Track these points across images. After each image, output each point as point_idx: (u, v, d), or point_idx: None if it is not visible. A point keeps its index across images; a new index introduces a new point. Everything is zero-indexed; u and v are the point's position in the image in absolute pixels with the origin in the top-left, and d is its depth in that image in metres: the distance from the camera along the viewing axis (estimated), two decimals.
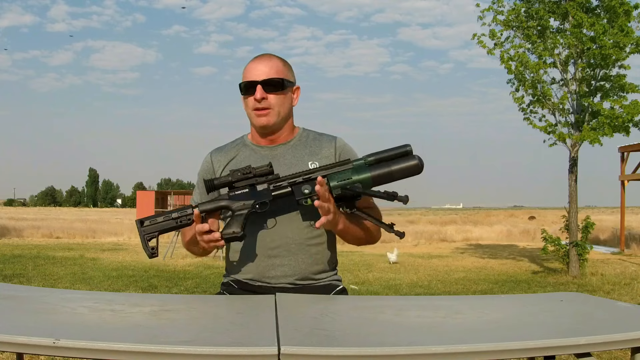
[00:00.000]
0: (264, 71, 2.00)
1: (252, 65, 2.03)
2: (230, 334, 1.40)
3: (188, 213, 1.86)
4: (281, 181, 1.87)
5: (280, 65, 2.04)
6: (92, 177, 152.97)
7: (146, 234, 1.86)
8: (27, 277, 9.55)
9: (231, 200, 1.87)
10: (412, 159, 1.82)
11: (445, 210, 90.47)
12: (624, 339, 1.40)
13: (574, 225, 10.32)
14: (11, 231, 21.22)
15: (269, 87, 1.99)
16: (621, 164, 17.12)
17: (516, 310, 1.79)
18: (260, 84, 1.99)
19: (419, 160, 1.82)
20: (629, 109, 9.54)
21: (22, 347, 1.26)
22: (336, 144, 2.09)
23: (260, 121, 2.02)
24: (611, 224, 23.16)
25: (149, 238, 1.86)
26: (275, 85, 2.00)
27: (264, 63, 2.02)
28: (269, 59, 2.04)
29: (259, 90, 1.99)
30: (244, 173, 1.86)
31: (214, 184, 1.88)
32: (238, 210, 1.86)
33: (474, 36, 10.47)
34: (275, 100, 2.01)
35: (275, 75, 2.01)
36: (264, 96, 1.99)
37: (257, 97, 1.99)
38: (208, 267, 11.42)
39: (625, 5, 9.54)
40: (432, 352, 1.27)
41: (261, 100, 1.99)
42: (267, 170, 1.86)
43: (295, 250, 1.99)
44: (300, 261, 2.00)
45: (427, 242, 20.65)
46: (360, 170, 1.82)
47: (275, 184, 1.87)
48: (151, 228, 1.86)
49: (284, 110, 2.04)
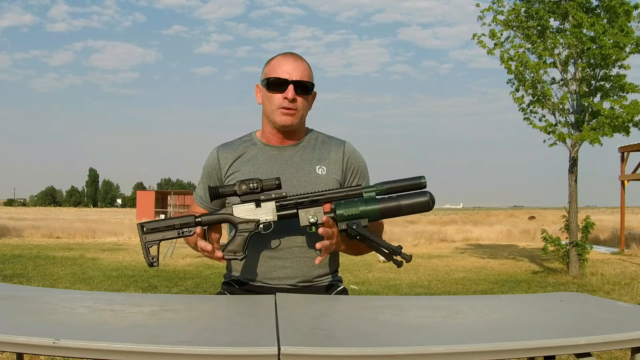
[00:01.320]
0: (296, 71, 1.97)
1: (283, 62, 1.99)
2: (230, 334, 1.40)
3: (190, 226, 1.82)
4: (288, 201, 1.83)
5: (308, 67, 2.02)
6: (92, 177, 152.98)
7: (147, 241, 1.83)
8: (27, 277, 9.56)
9: (235, 215, 1.83)
10: (423, 195, 1.79)
11: (445, 210, 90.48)
12: (624, 339, 1.40)
13: (574, 225, 10.32)
14: (11, 231, 21.23)
15: (300, 89, 1.97)
16: (621, 164, 17.13)
17: (516, 310, 1.78)
18: (292, 83, 1.96)
19: (429, 198, 1.78)
20: (629, 109, 9.54)
21: (22, 347, 1.26)
22: (345, 149, 2.07)
23: (284, 120, 1.98)
24: (611, 224, 23.17)
25: (150, 246, 1.83)
26: (306, 88, 1.98)
27: (296, 63, 1.99)
28: (300, 60, 2.01)
29: (291, 89, 1.95)
30: (250, 188, 1.81)
31: (218, 192, 1.83)
32: (241, 229, 1.83)
33: (474, 36, 10.48)
34: (302, 103, 1.99)
35: (307, 78, 1.99)
36: (295, 96, 1.96)
37: (289, 97, 1.95)
38: (208, 267, 11.42)
39: (625, 5, 9.55)
40: (432, 352, 1.26)
41: (292, 101, 1.96)
42: (274, 185, 1.81)
43: (298, 252, 1.99)
44: (302, 264, 1.99)
45: (427, 242, 20.65)
46: (370, 201, 1.78)
47: (282, 203, 1.83)
48: (153, 237, 1.83)
49: (306, 113, 2.04)
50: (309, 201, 1.82)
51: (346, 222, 1.78)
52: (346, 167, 2.06)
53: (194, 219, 1.82)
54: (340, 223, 1.78)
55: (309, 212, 1.81)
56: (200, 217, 1.83)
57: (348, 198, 1.82)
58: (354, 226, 1.76)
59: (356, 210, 1.77)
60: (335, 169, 2.04)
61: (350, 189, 1.84)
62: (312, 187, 1.98)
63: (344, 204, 1.79)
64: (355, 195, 1.82)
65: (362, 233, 1.76)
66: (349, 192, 1.83)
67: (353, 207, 1.77)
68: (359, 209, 1.77)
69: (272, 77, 1.97)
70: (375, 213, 1.77)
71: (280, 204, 1.83)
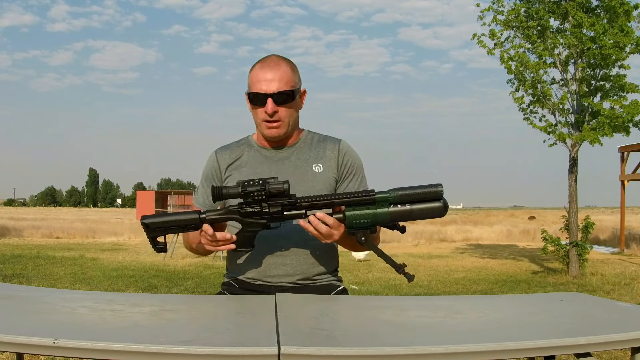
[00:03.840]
0: (274, 82, 1.94)
1: (261, 74, 1.96)
2: (230, 334, 1.40)
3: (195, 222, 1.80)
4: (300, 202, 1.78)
5: (288, 72, 1.98)
6: (92, 177, 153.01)
7: (151, 235, 1.82)
8: (27, 277, 9.55)
9: (242, 216, 1.80)
10: (437, 201, 1.72)
11: None
12: (624, 339, 1.40)
13: (574, 225, 10.32)
14: (11, 231, 21.22)
15: (280, 100, 1.94)
16: (621, 164, 17.13)
17: (516, 310, 1.78)
18: (271, 97, 1.94)
19: (442, 204, 1.72)
20: (629, 109, 9.54)
21: (22, 347, 1.26)
22: (340, 147, 2.07)
23: (270, 133, 1.98)
24: (611, 224, 23.16)
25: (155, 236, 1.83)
26: (286, 97, 1.95)
27: (273, 71, 1.95)
28: (278, 67, 1.97)
29: (270, 103, 1.93)
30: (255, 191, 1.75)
31: (222, 193, 1.79)
32: (249, 227, 1.81)
33: (474, 36, 10.48)
34: (285, 113, 1.97)
35: (286, 87, 1.95)
36: (275, 110, 1.95)
37: (268, 112, 1.94)
38: (208, 267, 11.42)
39: (625, 5, 9.55)
40: (432, 352, 1.27)
41: (273, 114, 1.95)
42: (282, 189, 1.75)
43: (299, 250, 1.99)
44: (302, 261, 2.00)
45: (427, 242, 20.64)
46: (380, 204, 1.73)
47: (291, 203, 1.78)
48: (157, 232, 1.82)
49: (294, 119, 2.02)
50: (320, 205, 1.77)
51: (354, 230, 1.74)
52: (342, 165, 2.06)
53: (198, 216, 1.80)
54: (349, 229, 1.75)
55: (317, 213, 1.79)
56: (205, 214, 1.81)
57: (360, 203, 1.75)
58: (363, 239, 1.74)
59: (365, 211, 1.73)
60: (332, 166, 2.05)
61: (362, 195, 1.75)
62: (310, 185, 1.99)
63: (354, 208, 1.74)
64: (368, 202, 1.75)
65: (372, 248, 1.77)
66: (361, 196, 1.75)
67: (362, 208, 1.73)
68: (369, 211, 1.73)
69: (252, 92, 1.97)
70: (385, 215, 1.72)
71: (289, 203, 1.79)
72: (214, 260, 12.41)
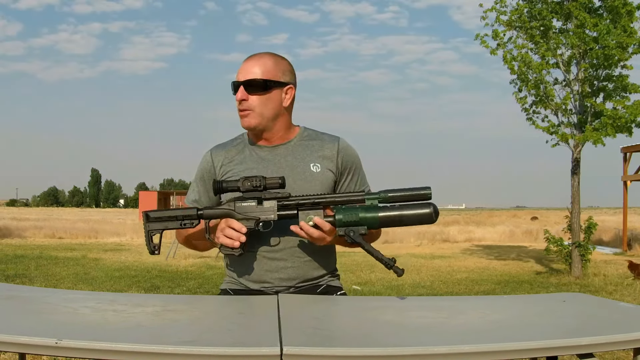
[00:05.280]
0: (248, 71, 1.97)
1: (242, 66, 2.00)
2: (232, 335, 1.40)
3: (192, 218, 1.83)
4: (290, 201, 1.83)
5: (269, 64, 1.99)
6: (95, 177, 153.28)
7: (150, 229, 1.84)
8: (30, 277, 9.57)
9: (236, 211, 1.83)
10: (427, 207, 1.74)
11: (447, 211, 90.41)
12: (626, 339, 1.40)
13: (577, 225, 10.30)
14: (13, 231, 21.24)
15: (251, 88, 1.96)
16: (624, 164, 17.11)
17: (519, 311, 1.78)
18: (242, 84, 1.97)
19: (432, 210, 1.74)
20: (632, 109, 9.53)
21: (24, 347, 1.27)
22: (339, 145, 2.05)
23: (242, 122, 2.00)
24: (614, 224, 23.12)
25: (152, 234, 1.85)
26: (256, 85, 1.96)
27: (252, 62, 1.99)
28: (259, 58, 2.00)
29: (240, 91, 1.97)
30: (254, 185, 1.81)
31: (222, 186, 1.84)
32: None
33: (477, 36, 10.47)
34: (257, 102, 1.97)
35: (260, 76, 1.96)
36: (244, 97, 1.96)
37: (237, 98, 1.98)
38: (210, 268, 11.43)
39: (628, 5, 9.53)
40: (434, 352, 1.26)
41: (241, 102, 1.97)
42: (277, 184, 1.82)
43: (298, 253, 1.98)
44: (301, 264, 1.99)
45: (430, 242, 20.63)
46: (370, 209, 1.75)
47: (284, 202, 1.83)
48: (156, 225, 1.85)
49: (268, 111, 1.99)
50: (310, 203, 1.82)
51: (344, 229, 1.76)
52: (341, 163, 2.04)
53: (197, 212, 1.83)
54: (339, 229, 1.76)
55: (308, 214, 1.81)
56: (202, 210, 1.84)
57: (350, 203, 1.80)
58: (351, 233, 1.75)
59: (355, 217, 1.74)
60: (330, 165, 2.03)
61: (352, 194, 1.82)
62: (308, 185, 1.97)
63: (344, 209, 1.77)
64: (357, 201, 1.80)
65: (359, 242, 1.75)
66: (351, 197, 1.81)
67: (352, 213, 1.75)
68: (359, 216, 1.74)
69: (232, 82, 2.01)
70: (375, 221, 1.74)
71: (282, 203, 1.83)
72: (217, 260, 12.42)
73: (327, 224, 1.78)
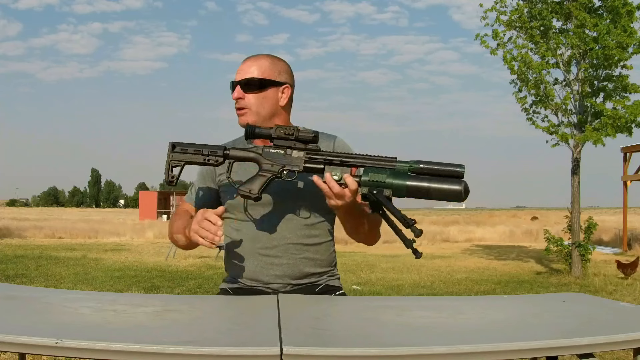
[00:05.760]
0: (245, 71, 2.01)
1: (240, 67, 2.05)
2: (232, 335, 1.40)
3: (218, 155, 1.81)
4: (318, 155, 1.78)
5: (266, 64, 2.02)
6: (95, 177, 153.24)
7: (173, 159, 1.81)
8: (30, 277, 9.57)
9: (262, 155, 1.80)
10: (457, 183, 1.63)
11: (448, 211, 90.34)
12: (626, 339, 1.40)
13: (577, 225, 10.30)
14: (14, 231, 21.23)
15: (246, 87, 2.00)
16: (624, 164, 17.11)
17: (519, 311, 1.78)
18: (239, 83, 2.00)
19: (463, 188, 1.62)
20: (632, 109, 9.53)
21: (24, 347, 1.27)
22: (335, 143, 2.06)
23: (239, 120, 2.02)
24: (614, 224, 23.12)
25: (174, 165, 1.81)
26: (252, 84, 1.99)
27: (249, 63, 2.03)
28: (256, 59, 2.04)
29: (237, 90, 2.00)
30: (286, 133, 1.78)
31: (254, 132, 1.80)
32: (265, 170, 1.79)
33: (477, 36, 10.47)
34: (253, 100, 2.00)
35: (257, 76, 2.00)
36: (240, 96, 2.00)
37: (233, 97, 2.01)
38: (210, 268, 11.43)
39: (628, 5, 9.53)
40: (434, 352, 1.26)
41: (237, 100, 2.01)
42: (310, 137, 1.77)
43: (293, 249, 1.99)
44: (297, 261, 1.99)
45: (430, 242, 20.62)
46: (399, 175, 1.66)
47: (312, 156, 1.78)
48: (180, 156, 1.81)
49: (265, 110, 2.01)
50: (338, 161, 1.77)
51: (368, 188, 1.67)
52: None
53: (223, 150, 1.81)
54: (362, 187, 1.68)
55: (335, 170, 1.75)
56: (229, 150, 1.82)
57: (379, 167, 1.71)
58: (375, 191, 1.65)
59: (382, 179, 1.65)
60: None
61: (383, 158, 1.73)
62: (305, 181, 1.96)
63: (372, 170, 1.68)
64: (387, 166, 1.71)
65: (381, 200, 1.65)
66: (381, 161, 1.72)
67: (380, 175, 1.66)
68: (386, 180, 1.65)
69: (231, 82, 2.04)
70: (402, 188, 1.65)
71: (310, 156, 1.78)
72: (217, 260, 12.42)
73: (355, 183, 1.70)
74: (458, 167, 1.67)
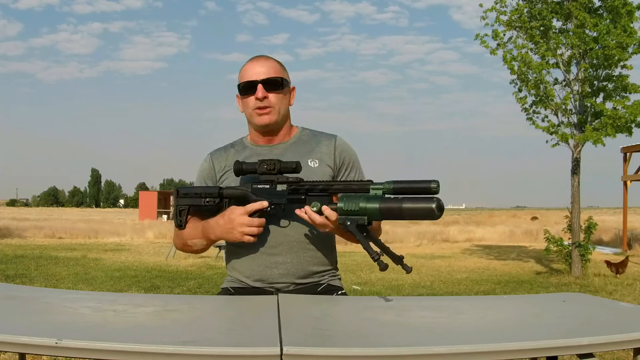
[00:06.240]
0: (262, 71, 2.03)
1: (250, 66, 2.06)
2: (232, 335, 1.40)
3: (213, 196, 1.95)
4: (300, 186, 1.87)
5: (277, 65, 2.07)
6: (95, 177, 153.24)
7: (179, 204, 2.01)
8: (30, 277, 9.57)
9: (251, 192, 1.91)
10: (429, 201, 1.61)
11: (447, 211, 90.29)
12: (626, 339, 1.40)
13: (577, 225, 10.30)
14: (13, 231, 21.24)
15: (269, 86, 2.02)
16: (624, 164, 17.11)
17: (519, 311, 1.78)
18: (261, 83, 2.01)
19: (435, 206, 1.60)
20: (632, 109, 9.52)
21: (24, 347, 1.27)
22: (335, 143, 2.09)
23: (262, 120, 2.03)
24: (614, 224, 23.12)
25: (181, 208, 2.01)
26: (275, 84, 2.03)
27: (261, 63, 2.05)
28: (266, 60, 2.07)
29: (260, 89, 2.01)
30: (269, 168, 1.88)
31: (242, 167, 1.92)
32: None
33: (477, 36, 10.47)
34: (275, 99, 2.04)
35: (276, 75, 2.04)
36: (265, 95, 2.01)
37: (258, 96, 2.01)
38: (210, 268, 11.43)
39: (628, 5, 9.53)
40: (434, 352, 1.26)
41: (263, 99, 2.01)
42: (292, 168, 1.87)
43: (297, 248, 2.00)
44: (301, 260, 2.00)
45: (430, 242, 20.63)
46: (372, 199, 1.70)
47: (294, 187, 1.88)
48: (184, 201, 2.00)
49: (284, 108, 2.07)
50: (318, 189, 1.85)
51: (343, 217, 1.74)
52: (339, 160, 2.08)
53: (217, 190, 1.95)
54: (339, 217, 1.75)
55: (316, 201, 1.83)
56: (223, 190, 1.95)
57: (356, 191, 1.78)
58: (348, 222, 1.72)
59: (356, 207, 1.71)
60: (328, 161, 2.06)
61: (360, 182, 1.80)
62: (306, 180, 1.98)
63: (347, 197, 1.74)
64: (363, 190, 1.76)
65: (351, 230, 1.72)
66: (358, 186, 1.79)
67: (354, 202, 1.72)
68: (359, 205, 1.71)
69: (242, 82, 2.05)
70: (375, 212, 1.68)
71: (293, 187, 1.88)
72: (217, 260, 12.42)
73: (334, 213, 1.78)
74: (431, 183, 1.67)
